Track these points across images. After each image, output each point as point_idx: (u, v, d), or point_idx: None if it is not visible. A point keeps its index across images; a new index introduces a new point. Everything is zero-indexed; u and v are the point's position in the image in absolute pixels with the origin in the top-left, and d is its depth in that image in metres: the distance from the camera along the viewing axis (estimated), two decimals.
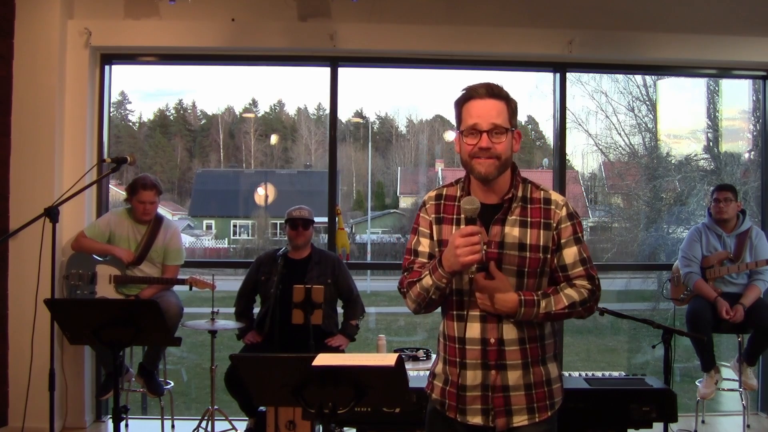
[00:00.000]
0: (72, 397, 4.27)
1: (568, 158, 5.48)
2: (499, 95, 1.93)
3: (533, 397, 1.96)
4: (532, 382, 1.96)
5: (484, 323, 1.94)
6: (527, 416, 1.95)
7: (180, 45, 4.47)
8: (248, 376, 1.88)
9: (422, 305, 1.99)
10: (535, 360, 1.97)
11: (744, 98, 7.45)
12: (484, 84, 1.95)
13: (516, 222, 1.95)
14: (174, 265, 4.23)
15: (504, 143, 1.91)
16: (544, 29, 4.49)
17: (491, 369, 1.94)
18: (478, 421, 1.96)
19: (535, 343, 1.97)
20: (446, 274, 1.87)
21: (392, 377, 1.73)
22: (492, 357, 1.94)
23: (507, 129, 1.92)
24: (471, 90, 1.95)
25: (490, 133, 1.89)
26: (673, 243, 8.26)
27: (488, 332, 1.94)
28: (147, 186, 4.13)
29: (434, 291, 1.92)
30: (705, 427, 4.46)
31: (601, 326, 8.67)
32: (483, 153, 1.89)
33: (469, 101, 1.93)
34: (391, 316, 9.92)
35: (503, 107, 1.93)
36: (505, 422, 1.94)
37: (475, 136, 1.90)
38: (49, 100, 4.23)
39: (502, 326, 1.94)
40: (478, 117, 1.90)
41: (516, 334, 1.94)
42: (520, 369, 1.94)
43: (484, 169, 1.90)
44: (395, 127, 12.59)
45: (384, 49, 4.54)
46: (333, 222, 4.63)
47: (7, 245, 4.13)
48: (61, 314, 2.87)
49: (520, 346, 1.94)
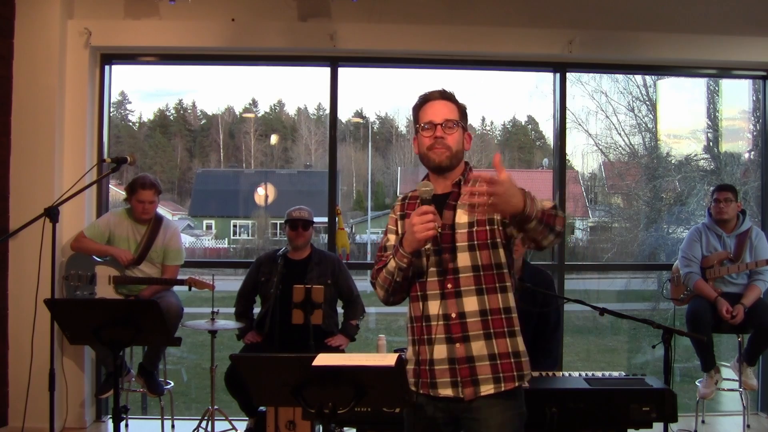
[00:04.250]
0: (72, 397, 4.27)
1: (568, 158, 5.48)
2: (450, 98, 2.19)
3: (498, 367, 2.08)
4: (496, 352, 2.08)
5: (444, 300, 2.09)
6: (493, 385, 2.07)
7: (180, 45, 4.47)
8: (248, 376, 1.88)
9: (389, 291, 2.15)
10: (499, 331, 2.09)
11: (744, 98, 7.45)
12: (439, 90, 2.20)
13: (465, 206, 2.08)
14: (174, 265, 4.23)
15: (455, 136, 2.14)
16: (544, 29, 4.49)
17: (455, 342, 2.07)
18: (449, 392, 2.08)
19: (499, 315, 2.09)
20: (406, 253, 2.03)
21: (392, 377, 1.74)
22: (455, 330, 2.07)
23: (457, 122, 2.15)
24: (426, 95, 2.20)
25: (443, 126, 2.12)
26: (673, 243, 8.26)
27: (449, 308, 2.08)
28: (146, 185, 4.12)
29: (397, 273, 2.08)
30: (705, 427, 4.46)
31: (601, 326, 8.67)
32: (437, 143, 2.12)
33: (425, 104, 2.18)
34: (391, 316, 9.91)
35: (454, 108, 2.18)
36: (472, 391, 2.07)
37: (430, 130, 2.13)
38: (49, 100, 4.23)
39: (462, 300, 2.08)
40: (433, 114, 2.15)
41: (477, 305, 2.08)
42: (482, 339, 2.07)
43: (438, 157, 2.13)
44: (395, 127, 12.60)
45: (384, 49, 4.55)
46: (333, 222, 4.63)
47: (7, 245, 4.13)
48: (61, 314, 2.87)
49: (482, 318, 2.08)
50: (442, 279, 2.09)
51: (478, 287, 2.08)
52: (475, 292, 2.08)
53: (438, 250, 2.08)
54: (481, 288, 2.08)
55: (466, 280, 2.08)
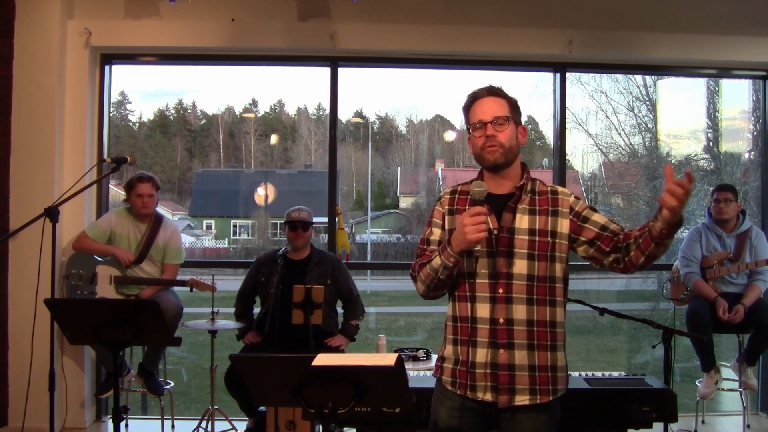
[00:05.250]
0: (72, 397, 4.27)
1: (568, 158, 5.48)
2: (498, 94, 2.14)
3: (536, 379, 2.05)
4: (536, 364, 2.05)
5: (493, 304, 2.05)
6: (529, 396, 2.05)
7: (180, 45, 4.47)
8: (248, 376, 1.88)
9: (431, 287, 2.09)
10: (542, 344, 2.06)
11: (744, 98, 7.44)
12: (486, 86, 2.16)
13: (526, 210, 2.09)
14: (173, 263, 4.23)
15: (507, 132, 2.09)
16: (544, 29, 4.49)
17: (499, 348, 2.04)
18: (488, 397, 2.06)
19: (544, 327, 2.07)
20: (454, 252, 1.98)
21: (392, 377, 1.73)
22: (501, 336, 2.04)
23: (508, 117, 2.10)
24: (474, 93, 2.15)
25: (493, 123, 2.08)
26: (673, 243, 8.25)
27: (497, 312, 2.05)
28: (143, 179, 4.16)
29: (442, 271, 2.03)
30: (705, 427, 4.46)
31: (601, 326, 8.67)
32: (489, 141, 2.07)
33: (474, 103, 2.14)
34: (391, 316, 9.92)
35: (504, 103, 2.12)
36: (507, 399, 2.05)
37: (481, 129, 2.09)
38: (49, 100, 4.23)
39: (512, 306, 2.04)
40: (482, 113, 2.10)
41: (525, 314, 2.05)
42: (525, 349, 2.04)
43: (492, 156, 2.07)
44: (395, 127, 12.60)
45: (384, 49, 4.54)
46: (333, 222, 4.63)
47: (7, 245, 4.13)
48: (61, 314, 2.86)
49: (528, 328, 2.05)
50: (494, 282, 2.06)
51: (529, 297, 2.05)
52: (525, 301, 2.04)
53: (492, 252, 2.05)
54: (532, 298, 2.05)
55: (519, 288, 2.04)
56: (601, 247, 2.06)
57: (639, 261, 1.99)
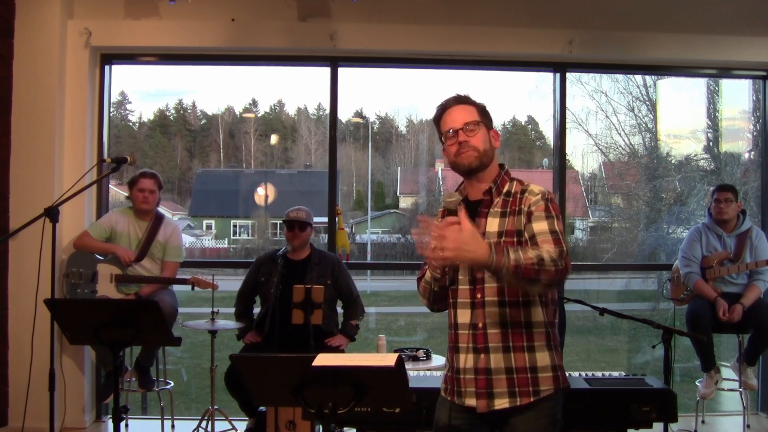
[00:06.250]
0: (72, 397, 4.26)
1: (568, 158, 5.48)
2: (466, 101, 2.15)
3: (514, 381, 2.03)
4: (513, 366, 2.03)
5: (473, 309, 2.07)
6: (508, 399, 2.03)
7: (180, 45, 4.47)
8: (248, 376, 1.88)
9: (431, 299, 2.16)
10: (518, 345, 2.04)
11: (744, 98, 7.45)
12: (453, 96, 2.17)
13: (497, 213, 2.09)
14: (173, 261, 4.24)
15: (479, 136, 2.10)
16: (544, 29, 4.49)
17: (480, 353, 2.06)
18: (473, 403, 2.07)
19: (519, 329, 2.04)
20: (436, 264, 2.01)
21: (392, 377, 1.73)
22: (480, 341, 2.06)
23: (478, 122, 2.11)
24: (442, 104, 2.16)
25: (464, 130, 2.09)
26: (673, 243, 8.26)
27: (476, 317, 2.06)
28: (146, 174, 4.20)
29: (433, 282, 2.10)
30: (705, 427, 4.46)
31: (601, 326, 8.67)
32: (462, 147, 2.08)
33: (444, 113, 2.15)
34: (391, 316, 9.92)
35: (472, 109, 2.14)
36: (485, 404, 2.04)
37: (453, 137, 2.10)
38: (49, 100, 4.23)
39: (487, 311, 2.05)
40: (452, 121, 2.11)
41: (498, 317, 2.04)
42: (500, 352, 2.04)
43: (467, 160, 2.08)
44: (395, 127, 12.59)
45: (384, 49, 4.54)
46: (333, 222, 4.63)
47: (7, 245, 4.13)
48: (61, 314, 2.87)
49: (501, 330, 2.04)
50: (473, 288, 2.08)
51: (501, 299, 2.05)
52: (497, 304, 2.05)
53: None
54: (504, 300, 2.04)
55: (491, 291, 2.05)
56: None
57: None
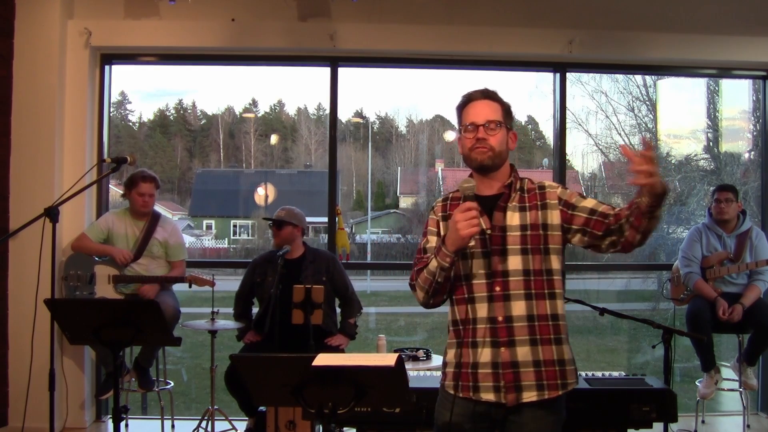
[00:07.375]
0: (72, 397, 4.27)
1: (568, 158, 5.47)
2: (493, 97, 2.15)
3: (542, 375, 2.04)
4: (541, 359, 2.04)
5: (490, 303, 2.05)
6: (536, 392, 2.03)
7: (180, 45, 4.47)
8: (248, 376, 1.88)
9: (429, 292, 2.09)
10: (546, 338, 2.05)
11: (744, 98, 7.44)
12: (481, 89, 2.17)
13: (516, 207, 2.11)
14: (180, 260, 4.27)
15: (498, 136, 2.10)
16: (544, 29, 4.49)
17: (501, 346, 2.04)
18: (491, 397, 2.05)
19: (546, 321, 2.06)
20: (450, 252, 1.98)
21: (392, 377, 1.73)
22: (501, 334, 2.04)
23: (500, 122, 2.11)
24: (468, 94, 2.17)
25: (485, 127, 2.09)
26: (673, 243, 8.25)
27: (495, 311, 2.05)
28: (146, 178, 4.17)
29: (439, 273, 2.02)
30: (705, 427, 4.46)
31: (601, 326, 8.67)
32: (479, 143, 2.09)
33: (468, 104, 2.15)
34: (391, 316, 9.92)
35: (497, 107, 2.14)
36: (515, 398, 2.03)
37: (473, 131, 2.10)
38: (49, 100, 4.23)
39: (510, 304, 2.04)
40: (475, 115, 2.12)
41: (525, 310, 2.04)
42: (528, 345, 2.04)
43: (480, 157, 2.09)
44: (395, 127, 12.58)
45: (384, 49, 4.54)
46: (333, 222, 4.63)
47: (7, 245, 4.13)
48: (61, 314, 2.86)
49: (528, 323, 2.04)
50: (491, 282, 2.06)
51: (527, 292, 2.04)
52: (523, 297, 2.04)
53: (486, 252, 2.06)
54: (530, 293, 2.05)
55: (516, 284, 2.04)
56: (593, 232, 2.03)
57: (635, 239, 1.96)
